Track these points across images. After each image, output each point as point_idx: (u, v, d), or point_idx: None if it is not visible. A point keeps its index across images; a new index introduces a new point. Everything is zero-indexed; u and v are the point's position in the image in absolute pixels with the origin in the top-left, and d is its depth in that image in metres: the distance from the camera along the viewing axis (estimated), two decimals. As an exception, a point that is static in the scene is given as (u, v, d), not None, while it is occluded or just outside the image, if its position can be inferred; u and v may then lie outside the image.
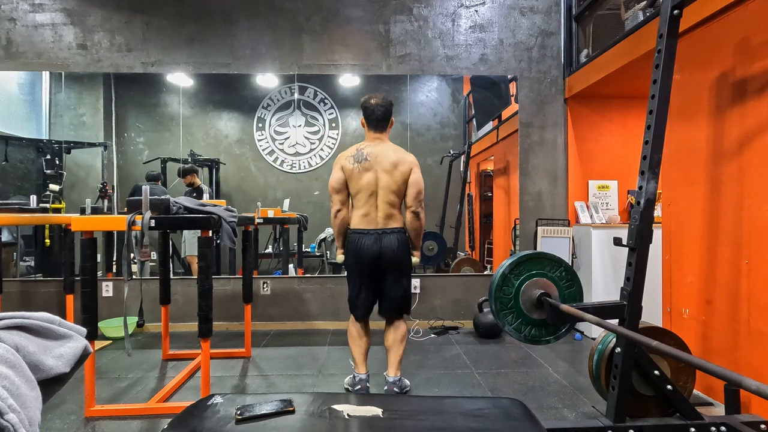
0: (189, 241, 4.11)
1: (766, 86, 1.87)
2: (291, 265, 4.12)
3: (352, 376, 2.36)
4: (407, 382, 2.43)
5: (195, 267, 3.79)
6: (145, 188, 2.05)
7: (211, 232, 2.14)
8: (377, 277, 2.24)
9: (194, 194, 3.98)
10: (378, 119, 2.23)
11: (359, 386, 2.25)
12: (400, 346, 2.26)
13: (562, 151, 3.78)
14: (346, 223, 2.24)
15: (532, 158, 3.78)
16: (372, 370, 2.69)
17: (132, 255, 2.02)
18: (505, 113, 4.17)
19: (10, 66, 3.65)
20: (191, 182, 4.06)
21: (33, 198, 3.13)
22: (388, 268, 2.20)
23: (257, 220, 3.06)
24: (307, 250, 4.29)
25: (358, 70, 3.78)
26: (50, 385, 0.55)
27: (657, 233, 2.02)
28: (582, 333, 3.44)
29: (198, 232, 2.08)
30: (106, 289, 3.54)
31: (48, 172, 3.80)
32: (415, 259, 2.31)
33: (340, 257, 2.31)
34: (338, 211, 2.21)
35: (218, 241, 3.75)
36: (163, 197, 2.09)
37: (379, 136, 2.24)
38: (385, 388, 2.24)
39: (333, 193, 2.21)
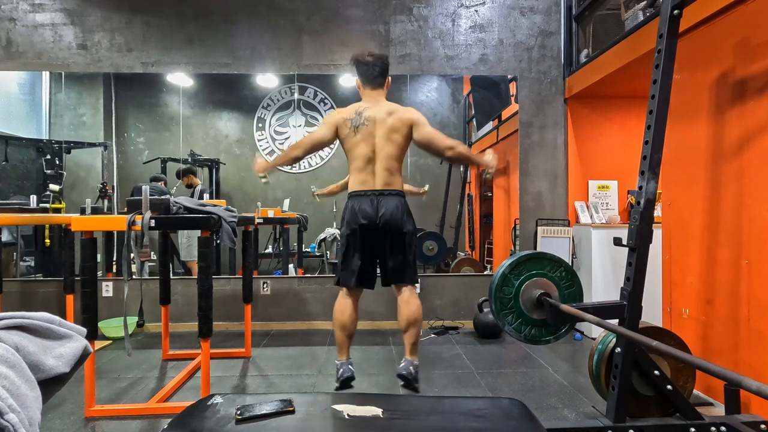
0: (185, 247, 4.05)
1: (766, 86, 1.87)
2: (291, 265, 4.12)
3: (336, 366, 2.21)
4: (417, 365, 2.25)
5: (195, 269, 3.77)
6: (145, 188, 2.05)
7: (210, 232, 2.14)
8: (376, 242, 2.11)
9: (191, 194, 3.96)
10: (374, 76, 2.14)
11: (342, 369, 2.08)
12: (414, 325, 2.11)
13: (562, 151, 3.78)
14: (309, 150, 2.18)
15: (532, 158, 3.78)
16: (375, 371, 2.69)
17: (132, 255, 2.01)
18: (505, 113, 4.17)
19: (10, 66, 3.65)
20: (189, 183, 4.05)
21: (33, 198, 3.12)
22: (388, 229, 2.09)
23: (257, 220, 3.05)
24: (307, 250, 4.29)
25: (358, 70, 3.78)
26: (50, 385, 0.55)
27: (657, 233, 2.02)
28: (582, 333, 3.44)
29: (195, 237, 2.07)
30: (106, 289, 3.54)
31: (48, 172, 3.79)
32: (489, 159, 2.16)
33: (261, 162, 2.23)
34: (318, 138, 2.13)
35: (218, 241, 3.74)
36: (163, 197, 2.09)
37: (376, 96, 2.16)
38: (402, 364, 2.12)
39: (313, 141, 2.13)
